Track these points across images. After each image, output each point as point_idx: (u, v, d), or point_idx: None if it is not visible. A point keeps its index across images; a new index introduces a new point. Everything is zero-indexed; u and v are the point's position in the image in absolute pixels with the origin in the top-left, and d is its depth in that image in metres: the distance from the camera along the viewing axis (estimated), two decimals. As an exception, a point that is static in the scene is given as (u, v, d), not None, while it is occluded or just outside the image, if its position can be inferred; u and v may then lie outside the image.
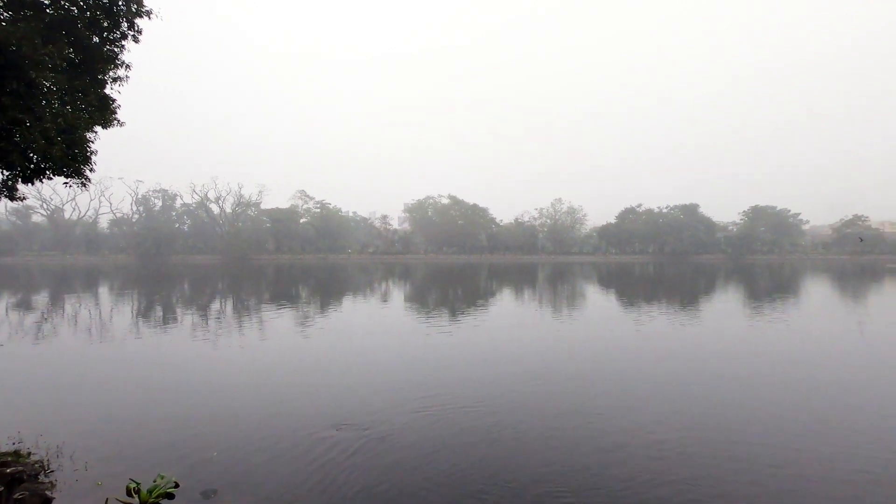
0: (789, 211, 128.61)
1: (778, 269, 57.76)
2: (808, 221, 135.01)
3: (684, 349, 10.13)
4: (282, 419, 5.83)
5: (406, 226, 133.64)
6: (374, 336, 11.87)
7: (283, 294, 23.50)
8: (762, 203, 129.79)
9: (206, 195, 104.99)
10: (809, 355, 9.65)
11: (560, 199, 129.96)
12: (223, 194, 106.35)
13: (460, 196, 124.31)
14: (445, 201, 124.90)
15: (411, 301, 20.62)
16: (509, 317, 15.27)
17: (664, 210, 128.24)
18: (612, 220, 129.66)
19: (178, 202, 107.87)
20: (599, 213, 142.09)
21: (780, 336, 11.86)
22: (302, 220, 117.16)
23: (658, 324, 13.46)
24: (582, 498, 3.85)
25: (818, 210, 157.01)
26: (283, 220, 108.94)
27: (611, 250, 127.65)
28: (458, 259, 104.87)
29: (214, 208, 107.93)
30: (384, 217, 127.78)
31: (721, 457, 4.60)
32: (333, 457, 4.72)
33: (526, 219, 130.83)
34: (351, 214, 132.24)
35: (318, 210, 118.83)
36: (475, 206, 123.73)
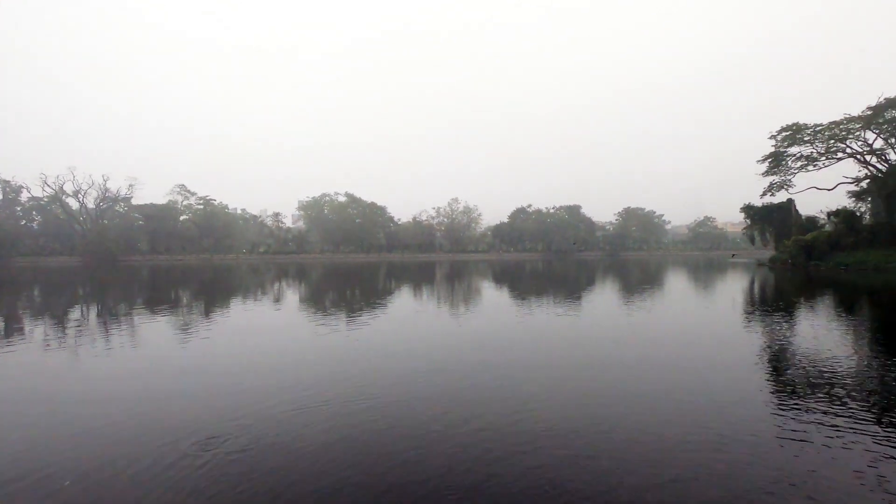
0: (655, 212, 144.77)
1: (646, 263, 64.69)
2: (669, 222, 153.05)
3: (566, 337, 10.88)
4: (147, 435, 5.24)
5: (301, 224, 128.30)
6: (262, 338, 11.19)
7: (160, 298, 21.30)
8: (633, 205, 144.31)
9: (62, 188, 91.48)
10: (665, 337, 10.92)
11: (456, 199, 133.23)
12: (84, 188, 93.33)
13: (357, 194, 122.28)
14: (342, 199, 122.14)
15: (306, 302, 19.84)
16: (405, 314, 15.29)
17: (551, 210, 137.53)
18: (505, 220, 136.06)
19: (25, 196, 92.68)
20: (493, 212, 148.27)
21: (643, 321, 13.30)
22: (182, 218, 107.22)
23: (544, 314, 14.34)
24: (461, 491, 3.97)
25: (677, 212, 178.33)
26: (158, 217, 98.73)
27: (504, 248, 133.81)
28: (355, 258, 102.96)
29: (73, 203, 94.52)
30: (276, 214, 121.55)
31: (590, 434, 4.99)
32: (200, 472, 4.34)
33: (423, 218, 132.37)
34: (239, 212, 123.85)
35: (202, 206, 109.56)
36: (373, 204, 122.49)
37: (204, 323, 13.66)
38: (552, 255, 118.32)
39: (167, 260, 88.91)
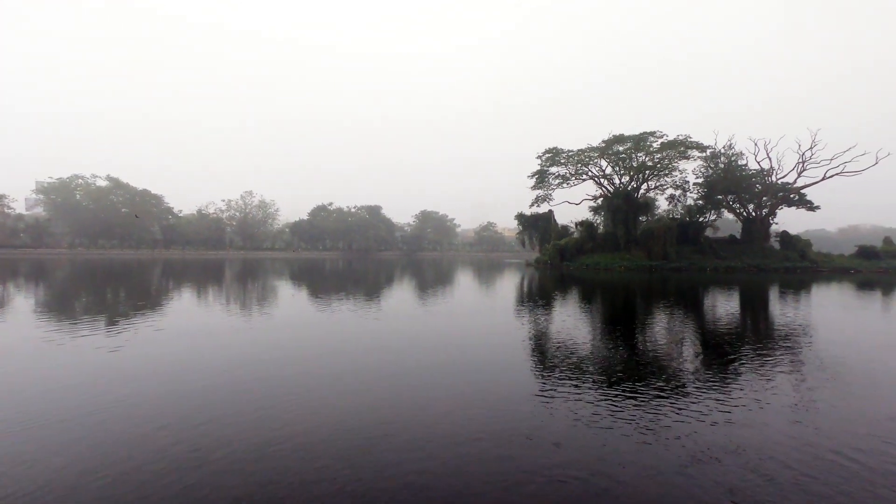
0: (447, 216, 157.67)
1: (439, 263, 70.07)
2: (460, 225, 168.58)
3: (359, 342, 11.14)
4: None
5: (40, 211, 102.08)
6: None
7: None
8: (429, 208, 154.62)
9: None
10: (453, 328, 12.13)
11: (251, 192, 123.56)
12: None
13: (125, 179, 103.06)
14: (103, 183, 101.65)
15: (42, 309, 15.95)
16: (177, 320, 13.48)
17: (353, 209, 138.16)
18: (305, 217, 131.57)
19: None
20: (293, 209, 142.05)
21: (435, 313, 14.52)
22: None
23: (342, 317, 14.38)
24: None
25: (466, 216, 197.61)
26: None
27: (303, 245, 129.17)
28: (120, 255, 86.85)
29: None
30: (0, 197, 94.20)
31: (364, 444, 5.21)
32: None
33: (211, 210, 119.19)
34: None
35: None
36: (146, 191, 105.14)
37: None
38: (353, 254, 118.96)
39: None
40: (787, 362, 8.25)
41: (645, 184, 58.37)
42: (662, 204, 61.71)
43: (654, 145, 55.12)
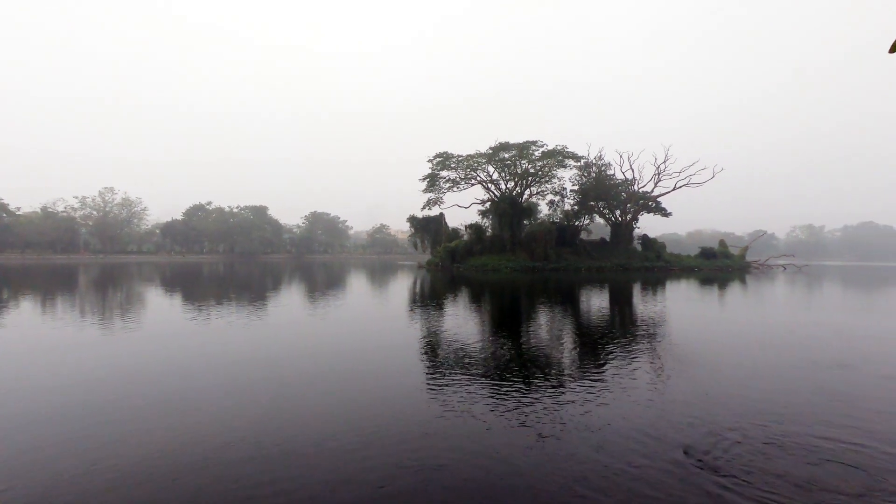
0: (339, 217, 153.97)
1: (330, 265, 68.15)
2: (352, 227, 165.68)
3: (242, 354, 10.48)
4: None
5: None
6: None
7: None
8: (320, 209, 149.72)
9: None
10: (347, 332, 11.90)
11: (112, 189, 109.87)
12: None
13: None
14: None
15: None
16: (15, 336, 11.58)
17: (236, 209, 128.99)
18: (180, 217, 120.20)
19: None
20: (165, 208, 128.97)
21: (327, 318, 14.11)
22: None
23: (215, 326, 13.38)
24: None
25: (359, 218, 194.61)
26: None
27: (177, 249, 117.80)
28: (-66, 259, 72.06)
29: None
30: None
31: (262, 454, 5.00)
32: None
33: (61, 208, 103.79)
34: None
35: None
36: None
37: None
38: (236, 258, 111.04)
39: None
40: (643, 350, 9.35)
41: (528, 189, 62.28)
42: (544, 209, 66.30)
43: (536, 153, 59.07)
